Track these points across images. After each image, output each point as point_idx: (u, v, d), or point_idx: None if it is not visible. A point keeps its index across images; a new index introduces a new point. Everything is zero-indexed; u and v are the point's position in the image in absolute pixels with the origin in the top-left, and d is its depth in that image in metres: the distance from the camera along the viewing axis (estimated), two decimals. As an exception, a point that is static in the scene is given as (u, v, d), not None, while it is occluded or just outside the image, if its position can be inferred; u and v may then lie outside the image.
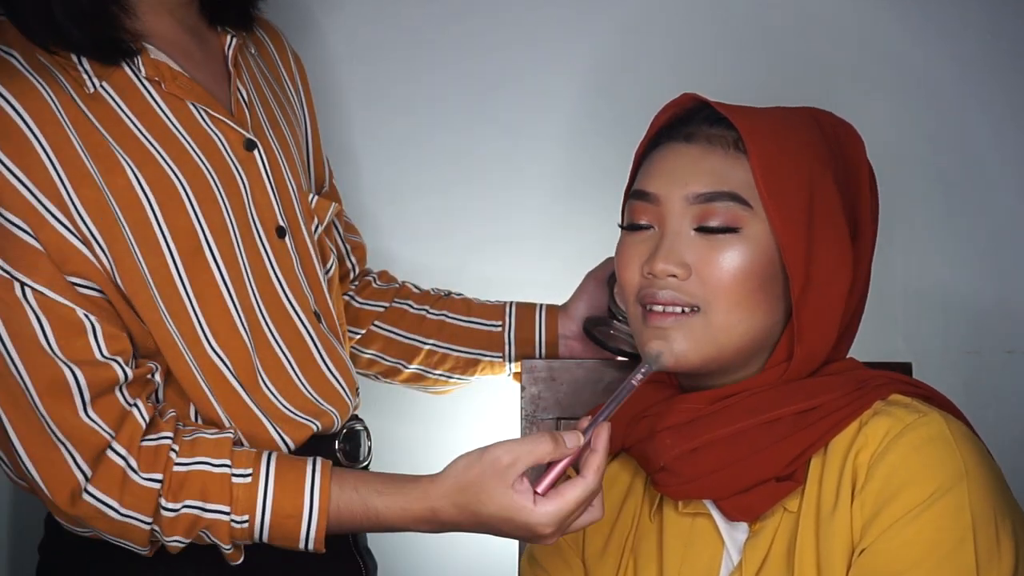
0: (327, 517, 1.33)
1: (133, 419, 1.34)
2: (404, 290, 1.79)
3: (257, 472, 1.34)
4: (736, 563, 1.36)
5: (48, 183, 1.32)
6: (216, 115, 1.45)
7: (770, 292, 1.36)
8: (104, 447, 1.32)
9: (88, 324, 1.32)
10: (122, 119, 1.39)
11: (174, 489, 1.33)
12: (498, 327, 1.74)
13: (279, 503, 1.33)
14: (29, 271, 1.31)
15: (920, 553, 1.25)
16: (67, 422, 1.31)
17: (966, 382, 1.99)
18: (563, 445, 1.26)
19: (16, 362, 1.31)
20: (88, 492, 1.31)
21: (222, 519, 1.33)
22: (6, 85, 1.33)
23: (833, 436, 1.34)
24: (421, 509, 1.31)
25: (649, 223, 1.39)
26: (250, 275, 1.43)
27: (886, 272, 1.79)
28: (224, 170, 1.43)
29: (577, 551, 1.47)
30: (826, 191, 1.37)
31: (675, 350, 1.35)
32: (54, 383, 1.31)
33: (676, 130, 1.41)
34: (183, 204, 1.39)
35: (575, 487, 1.27)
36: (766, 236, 1.35)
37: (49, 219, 1.32)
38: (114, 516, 1.32)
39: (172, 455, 1.34)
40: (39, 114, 1.33)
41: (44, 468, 1.31)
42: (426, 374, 1.76)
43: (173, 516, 1.33)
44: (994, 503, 1.28)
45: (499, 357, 1.75)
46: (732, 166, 1.36)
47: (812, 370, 1.39)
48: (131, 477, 1.32)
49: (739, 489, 1.35)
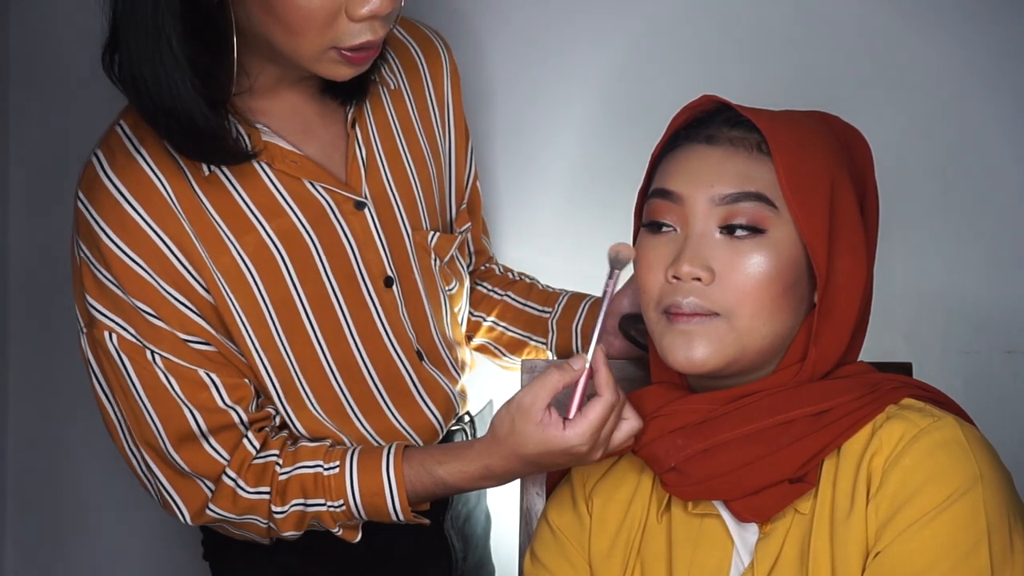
0: (405, 490, 1.55)
1: (244, 448, 1.57)
2: (488, 272, 1.90)
3: (344, 463, 1.57)
4: (747, 564, 1.36)
5: (168, 270, 1.52)
6: (324, 186, 1.58)
7: (793, 295, 1.36)
8: (221, 472, 1.56)
9: (209, 380, 1.55)
10: (234, 198, 1.56)
11: (281, 495, 1.57)
12: (547, 313, 1.81)
13: (364, 485, 1.55)
14: (155, 342, 1.53)
15: (935, 556, 1.26)
16: (192, 459, 1.55)
17: (966, 382, 2.00)
18: (569, 369, 1.40)
19: (151, 412, 1.54)
20: (209, 508, 1.57)
21: (322, 509, 1.56)
22: (127, 183, 1.52)
23: (847, 439, 1.34)
24: (476, 468, 1.51)
25: (672, 223, 1.39)
26: (352, 326, 1.62)
27: (886, 272, 1.79)
28: (328, 231, 1.60)
29: (582, 552, 1.47)
30: (845, 192, 1.37)
31: (697, 355, 1.35)
32: (181, 429, 1.54)
33: (696, 131, 1.41)
34: (281, 273, 1.58)
35: (594, 404, 1.39)
36: (790, 239, 1.36)
37: (169, 299, 1.53)
38: (233, 521, 1.58)
39: (277, 468, 1.57)
40: (155, 207, 1.52)
41: (182, 492, 1.57)
42: (490, 347, 1.87)
43: (283, 516, 1.57)
44: (1008, 506, 1.29)
45: (543, 343, 1.80)
46: (756, 168, 1.36)
47: (825, 372, 1.39)
48: (240, 495, 1.56)
49: (751, 490, 1.35)
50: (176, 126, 1.48)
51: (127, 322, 1.52)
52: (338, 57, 1.47)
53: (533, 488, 1.67)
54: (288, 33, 1.45)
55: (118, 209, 1.51)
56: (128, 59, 1.46)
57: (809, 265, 1.37)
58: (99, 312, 1.53)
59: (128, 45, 1.45)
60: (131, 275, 1.51)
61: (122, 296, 1.52)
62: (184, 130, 1.48)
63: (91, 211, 1.52)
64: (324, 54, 1.47)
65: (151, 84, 1.45)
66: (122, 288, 1.52)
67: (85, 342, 1.56)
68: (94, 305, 1.53)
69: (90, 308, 1.53)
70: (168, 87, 1.45)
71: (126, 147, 1.53)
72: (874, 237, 1.43)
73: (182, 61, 1.45)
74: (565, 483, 1.52)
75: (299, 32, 1.44)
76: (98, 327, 1.53)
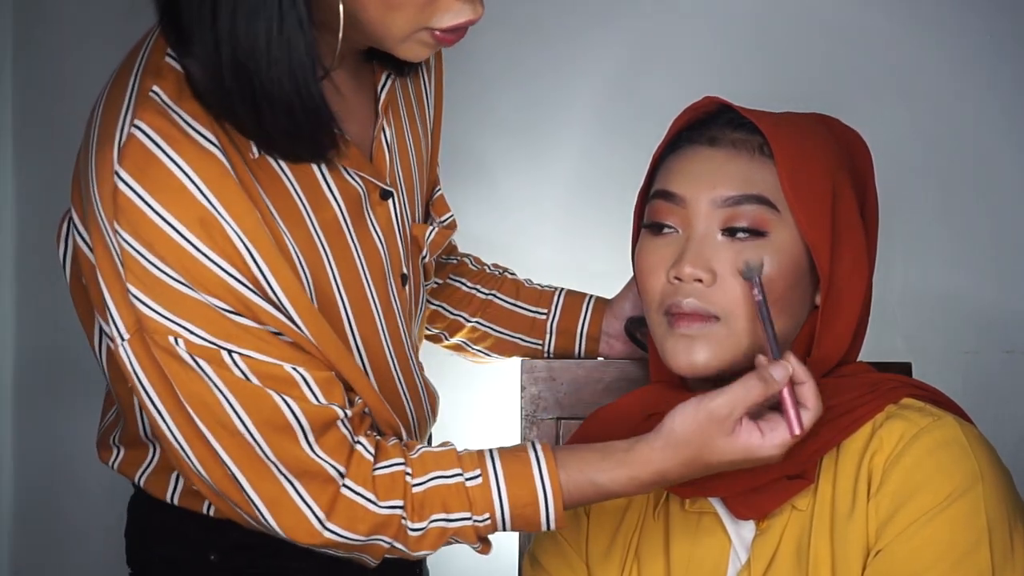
0: (563, 501, 1.37)
1: (359, 455, 1.36)
2: (461, 267, 1.79)
3: (486, 471, 1.37)
4: (744, 561, 1.36)
5: (242, 264, 1.31)
6: (360, 173, 1.43)
7: (794, 297, 1.37)
8: (337, 486, 1.35)
9: (298, 376, 1.34)
10: (283, 181, 1.37)
11: (417, 509, 1.36)
12: (543, 315, 1.74)
13: (514, 495, 1.37)
14: (235, 340, 1.31)
15: (936, 554, 1.26)
16: (295, 459, 1.33)
17: (966, 382, 2.01)
18: (774, 382, 1.29)
19: (243, 416, 1.32)
20: (329, 529, 1.34)
21: (466, 524, 1.37)
22: (191, 163, 1.29)
23: (846, 437, 1.34)
24: (649, 475, 1.34)
25: (674, 225, 1.39)
26: (385, 330, 1.47)
27: (886, 272, 1.80)
28: (361, 224, 1.43)
29: (580, 552, 1.47)
30: (846, 194, 1.38)
31: (699, 359, 1.35)
32: (278, 424, 1.33)
33: (698, 133, 1.41)
34: (326, 274, 1.40)
35: (805, 416, 1.30)
36: (792, 241, 1.36)
37: (239, 290, 1.31)
38: (355, 542, 1.36)
39: (408, 479, 1.37)
40: (226, 191, 1.30)
41: (277, 513, 1.34)
42: (466, 347, 1.78)
43: (420, 534, 1.37)
44: (1008, 506, 1.29)
45: (538, 344, 1.74)
46: (758, 170, 1.37)
47: (825, 372, 1.39)
48: (372, 510, 1.35)
49: (749, 487, 1.35)
50: (283, 116, 1.28)
51: (195, 322, 1.30)
52: (429, 38, 1.33)
53: (533, 488, 1.67)
54: (385, 7, 1.29)
55: (183, 191, 1.29)
56: (228, 32, 1.24)
57: (810, 267, 1.37)
58: (155, 312, 1.30)
59: (228, 15, 1.24)
60: (198, 267, 1.30)
61: (189, 292, 1.30)
62: (292, 121, 1.29)
63: (142, 193, 1.28)
64: (416, 33, 1.33)
65: (263, 64, 1.25)
66: (187, 283, 1.30)
67: (128, 350, 1.32)
68: (147, 303, 1.30)
69: (139, 308, 1.30)
70: (291, 70, 1.26)
71: (175, 120, 1.30)
72: (874, 238, 1.43)
73: (310, 37, 1.26)
74: (565, 483, 1.52)
75: (398, 6, 1.30)
76: (157, 331, 1.30)
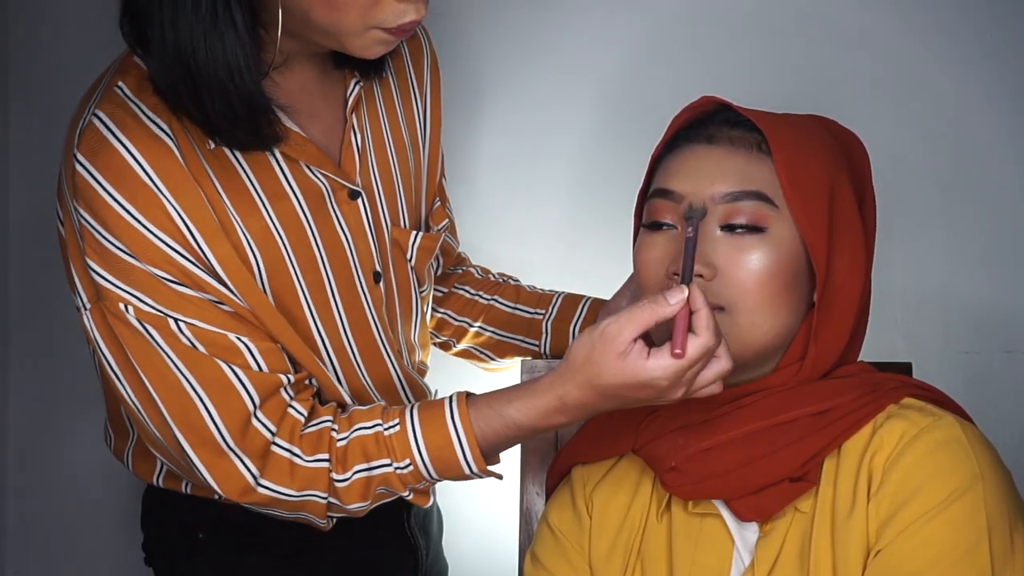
0: (475, 438, 1.42)
1: (291, 416, 1.46)
2: (467, 276, 1.85)
3: (403, 420, 1.44)
4: (748, 564, 1.36)
5: (181, 238, 1.41)
6: (323, 172, 1.51)
7: (793, 293, 1.37)
8: (267, 445, 1.44)
9: (242, 345, 1.44)
10: (237, 171, 1.46)
11: (340, 461, 1.45)
12: (540, 315, 1.78)
13: (429, 440, 1.43)
14: (179, 309, 1.41)
15: (936, 554, 1.26)
16: (236, 423, 1.43)
17: (966, 382, 2.01)
18: (664, 303, 1.29)
19: (191, 380, 1.42)
20: (262, 485, 1.44)
21: (388, 471, 1.44)
22: (139, 146, 1.40)
23: (847, 438, 1.34)
24: (549, 400, 1.37)
25: (672, 222, 1.39)
26: (345, 321, 1.55)
27: (886, 272, 1.79)
28: (325, 219, 1.52)
29: (583, 554, 1.47)
30: (843, 192, 1.39)
31: None
32: (223, 390, 1.42)
33: (696, 132, 1.42)
34: (284, 262, 1.49)
35: (690, 341, 1.29)
36: (790, 237, 1.36)
37: (184, 264, 1.42)
38: (291, 499, 1.45)
39: (333, 434, 1.45)
40: (170, 174, 1.41)
41: (216, 473, 1.44)
42: (474, 352, 1.83)
43: (346, 485, 1.44)
44: (1008, 505, 1.29)
45: (535, 344, 1.78)
46: (757, 167, 1.37)
47: (825, 371, 1.39)
48: (300, 464, 1.44)
49: (752, 489, 1.35)
50: (222, 105, 1.38)
51: (142, 291, 1.41)
52: (382, 36, 1.41)
53: (533, 488, 1.67)
54: (329, 8, 1.38)
55: (130, 173, 1.40)
56: (171, 30, 1.35)
57: (808, 264, 1.38)
58: (108, 282, 1.41)
59: (171, 15, 1.35)
60: (142, 241, 1.40)
61: (135, 263, 1.41)
62: (231, 109, 1.38)
63: (95, 174, 1.40)
64: (367, 32, 1.41)
65: (201, 58, 1.35)
66: (133, 255, 1.40)
67: (89, 319, 1.44)
68: (102, 275, 1.41)
69: (96, 279, 1.41)
70: (225, 62, 1.36)
71: (132, 110, 1.42)
72: (872, 238, 1.43)
73: (243, 34, 1.35)
74: (565, 484, 1.52)
75: (341, 7, 1.38)
76: (110, 299, 1.41)
